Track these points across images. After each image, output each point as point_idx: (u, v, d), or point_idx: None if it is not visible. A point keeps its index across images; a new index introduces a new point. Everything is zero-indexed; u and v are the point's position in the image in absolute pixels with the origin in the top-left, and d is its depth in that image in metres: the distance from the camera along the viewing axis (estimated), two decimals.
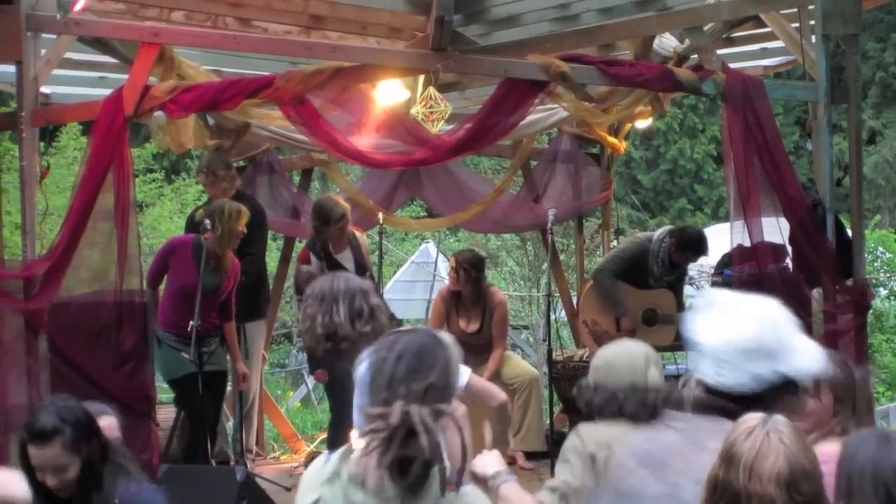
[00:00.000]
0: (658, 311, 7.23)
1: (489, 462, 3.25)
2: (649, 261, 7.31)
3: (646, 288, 7.44)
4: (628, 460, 2.86)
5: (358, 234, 7.46)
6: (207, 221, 6.49)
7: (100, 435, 3.62)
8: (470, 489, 2.59)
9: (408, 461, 2.40)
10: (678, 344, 7.08)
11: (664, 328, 7.17)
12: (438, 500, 2.48)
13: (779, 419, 2.44)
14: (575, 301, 9.38)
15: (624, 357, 3.89)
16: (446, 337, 2.70)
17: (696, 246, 7.26)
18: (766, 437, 2.43)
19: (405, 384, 2.52)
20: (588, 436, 3.69)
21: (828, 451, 2.70)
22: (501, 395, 4.39)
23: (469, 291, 7.67)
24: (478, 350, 7.57)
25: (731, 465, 2.42)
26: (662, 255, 7.28)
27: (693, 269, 7.81)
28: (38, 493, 3.42)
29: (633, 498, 2.83)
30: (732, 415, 2.64)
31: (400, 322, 6.49)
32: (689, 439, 3.14)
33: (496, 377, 7.19)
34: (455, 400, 2.68)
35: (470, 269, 7.63)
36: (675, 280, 7.40)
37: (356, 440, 2.54)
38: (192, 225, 7.30)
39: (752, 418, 2.49)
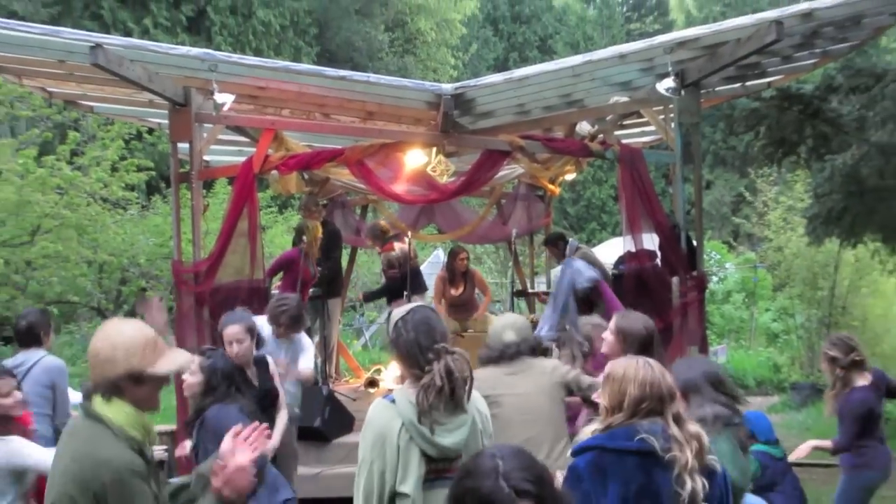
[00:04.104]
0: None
1: None
2: None
3: None
4: None
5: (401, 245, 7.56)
6: (304, 239, 6.59)
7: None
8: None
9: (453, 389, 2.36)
10: None
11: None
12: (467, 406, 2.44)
13: (652, 361, 2.36)
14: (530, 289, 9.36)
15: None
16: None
17: None
18: (631, 361, 2.35)
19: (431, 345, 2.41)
20: None
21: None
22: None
23: (464, 270, 7.77)
24: (462, 305, 7.79)
25: None
26: None
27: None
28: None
29: None
30: None
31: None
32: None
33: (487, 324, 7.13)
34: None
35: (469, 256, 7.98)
36: None
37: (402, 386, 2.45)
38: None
39: (642, 357, 2.41)
